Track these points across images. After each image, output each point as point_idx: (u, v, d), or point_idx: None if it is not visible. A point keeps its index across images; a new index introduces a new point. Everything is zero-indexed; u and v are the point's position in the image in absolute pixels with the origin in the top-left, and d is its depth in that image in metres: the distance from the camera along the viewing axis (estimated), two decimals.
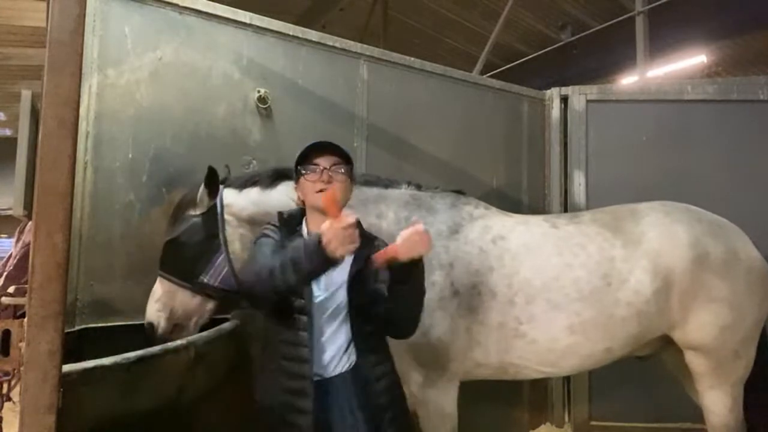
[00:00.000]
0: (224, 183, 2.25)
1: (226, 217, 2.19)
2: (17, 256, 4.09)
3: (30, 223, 3.05)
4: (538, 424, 3.82)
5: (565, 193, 3.93)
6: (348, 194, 1.76)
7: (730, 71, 9.49)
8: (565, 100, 3.99)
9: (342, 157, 1.70)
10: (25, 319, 1.11)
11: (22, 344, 1.13)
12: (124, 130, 2.50)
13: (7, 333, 1.21)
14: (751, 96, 3.74)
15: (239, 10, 2.86)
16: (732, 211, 2.65)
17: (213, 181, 2.17)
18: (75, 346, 2.07)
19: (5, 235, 11.76)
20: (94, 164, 2.42)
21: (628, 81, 8.32)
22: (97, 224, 2.40)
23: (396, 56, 3.41)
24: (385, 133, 3.30)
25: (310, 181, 1.67)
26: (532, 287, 2.27)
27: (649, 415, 3.58)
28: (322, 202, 1.41)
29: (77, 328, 2.27)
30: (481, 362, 2.29)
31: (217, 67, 2.76)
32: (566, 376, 3.68)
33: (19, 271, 3.88)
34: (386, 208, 2.31)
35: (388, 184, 2.39)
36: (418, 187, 2.44)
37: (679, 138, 3.75)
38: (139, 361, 1.50)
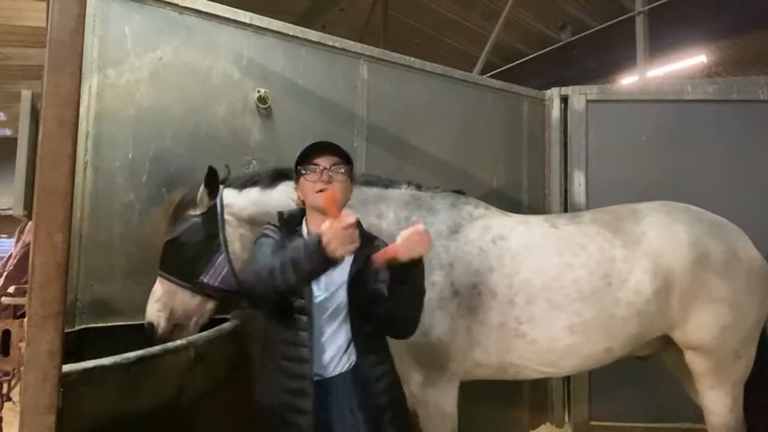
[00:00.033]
0: (224, 183, 2.25)
1: (226, 217, 2.19)
2: (17, 256, 4.09)
3: (30, 223, 3.05)
4: (538, 424, 3.82)
5: (565, 193, 3.93)
6: (348, 194, 1.76)
7: (730, 71, 9.49)
8: (565, 100, 3.99)
9: (342, 157, 1.70)
10: (25, 319, 1.11)
11: (22, 344, 1.13)
12: (124, 130, 2.50)
13: (7, 333, 1.21)
14: (751, 96, 3.74)
15: (239, 10, 2.86)
16: (732, 211, 2.65)
17: (213, 181, 2.17)
18: (75, 346, 2.07)
19: (5, 235, 11.76)
20: (94, 164, 2.42)
21: (628, 81, 8.32)
22: (97, 224, 2.40)
23: (396, 56, 3.41)
24: (385, 133, 3.30)
25: (310, 181, 1.67)
26: (533, 287, 2.27)
27: (649, 415, 3.58)
28: (322, 202, 1.41)
29: (77, 328, 2.27)
30: (481, 362, 2.29)
31: (217, 67, 2.76)
32: (566, 376, 3.68)
33: (19, 271, 3.88)
34: (386, 208, 2.31)
35: (388, 184, 2.39)
36: (418, 187, 2.44)
37: (679, 138, 3.75)
38: (139, 361, 1.50)
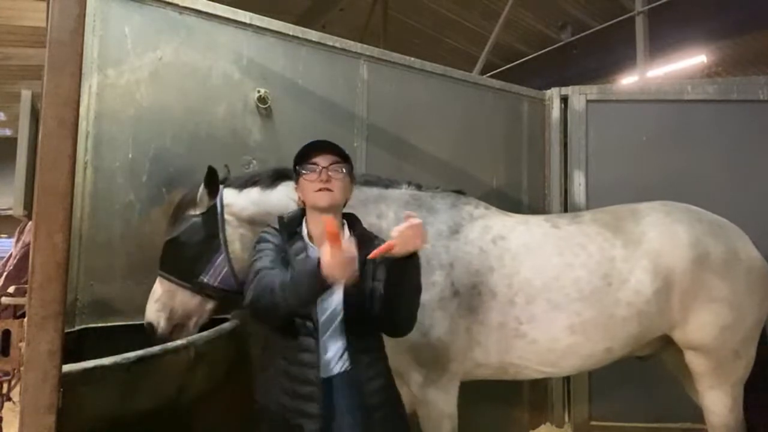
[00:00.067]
0: (224, 183, 2.25)
1: (226, 217, 2.18)
2: (17, 256, 4.09)
3: (30, 223, 3.05)
4: (538, 424, 3.82)
5: (565, 193, 3.93)
6: (348, 193, 1.76)
7: (730, 71, 9.49)
8: (565, 100, 3.99)
9: (340, 155, 1.70)
10: (25, 319, 1.11)
11: (22, 344, 1.13)
12: (124, 130, 2.50)
13: (7, 333, 1.21)
14: (751, 96, 3.74)
15: (239, 10, 2.85)
16: (732, 211, 2.65)
17: (213, 181, 2.17)
18: (75, 346, 2.07)
19: (5, 235, 11.75)
20: (94, 164, 2.42)
21: (628, 81, 8.31)
22: (97, 224, 2.40)
23: (396, 56, 3.41)
24: (385, 133, 3.29)
25: (309, 181, 1.67)
26: (533, 287, 2.27)
27: (649, 415, 3.58)
28: (326, 228, 1.40)
29: (77, 328, 2.27)
30: (481, 362, 2.29)
31: (217, 67, 2.76)
32: (566, 376, 3.68)
33: (19, 271, 3.88)
34: (386, 208, 2.31)
35: (388, 184, 2.39)
36: (419, 187, 2.44)
37: (679, 138, 3.75)
38: (139, 361, 1.50)
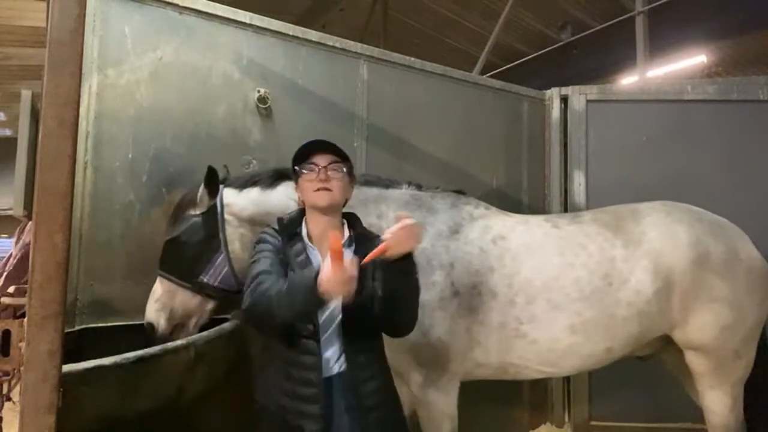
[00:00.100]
0: (224, 183, 2.25)
1: (227, 216, 2.19)
2: (17, 256, 4.08)
3: (30, 223, 3.04)
4: (538, 424, 3.82)
5: (565, 193, 3.93)
6: (347, 193, 1.76)
7: (730, 71, 9.48)
8: (565, 100, 3.99)
9: (339, 155, 1.70)
10: (25, 319, 1.11)
11: (22, 344, 1.13)
12: (124, 130, 2.50)
13: (7, 333, 1.21)
14: (751, 96, 3.74)
15: (239, 10, 2.85)
16: (732, 211, 2.65)
17: (213, 181, 2.17)
18: (75, 346, 2.07)
19: (5, 235, 11.74)
20: (94, 164, 2.42)
21: (628, 81, 8.31)
22: (97, 224, 2.40)
23: (396, 56, 3.41)
24: (385, 133, 3.29)
25: (308, 181, 1.67)
26: (533, 287, 2.27)
27: (649, 415, 3.58)
28: (330, 244, 1.41)
29: (77, 328, 2.27)
30: (481, 362, 2.29)
31: (217, 67, 2.76)
32: (566, 376, 3.68)
33: (19, 271, 3.87)
34: (387, 208, 2.31)
35: (388, 184, 2.39)
36: (419, 187, 2.44)
37: (679, 138, 3.74)
38: (139, 361, 1.50)
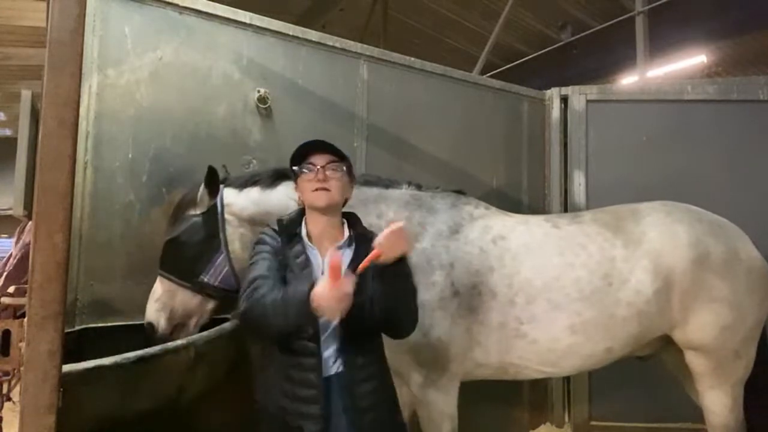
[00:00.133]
0: (224, 183, 2.25)
1: (227, 216, 2.18)
2: (17, 256, 4.08)
3: (30, 223, 3.04)
4: (538, 424, 3.82)
5: (565, 193, 3.93)
6: (347, 192, 1.76)
7: (730, 71, 9.48)
8: (565, 100, 3.99)
9: (336, 155, 1.70)
10: (25, 319, 1.11)
11: (22, 344, 1.13)
12: (124, 130, 2.50)
13: (7, 333, 1.21)
14: (751, 96, 3.74)
15: (239, 10, 2.86)
16: (732, 211, 2.65)
17: (213, 181, 2.17)
18: (75, 346, 2.07)
19: (5, 235, 11.74)
20: (94, 164, 2.42)
21: (628, 81, 8.31)
22: (97, 224, 2.40)
23: (396, 56, 3.41)
24: (385, 133, 3.29)
25: (306, 181, 1.67)
26: (533, 287, 2.27)
27: (649, 415, 3.58)
28: (329, 262, 1.42)
29: (77, 328, 2.27)
30: (481, 362, 2.29)
31: (217, 67, 2.76)
32: (566, 376, 3.68)
33: (19, 271, 3.87)
34: (387, 208, 2.31)
35: (388, 184, 2.39)
36: (419, 187, 2.44)
37: (679, 138, 3.74)
38: (139, 361, 1.50)
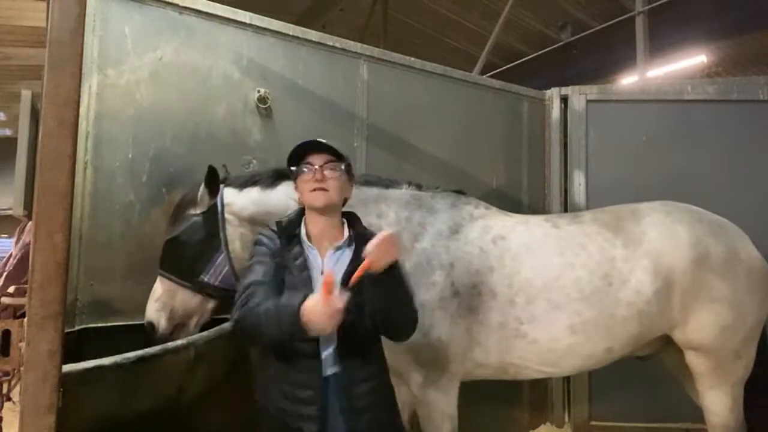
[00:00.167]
0: (224, 182, 2.25)
1: (227, 216, 2.18)
2: (17, 256, 4.08)
3: (30, 223, 3.05)
4: (538, 424, 3.82)
5: (565, 193, 3.93)
6: (346, 192, 1.75)
7: (730, 71, 9.48)
8: (565, 100, 3.99)
9: (334, 154, 1.69)
10: (25, 319, 1.11)
11: (22, 344, 1.13)
12: (124, 130, 2.50)
13: (7, 333, 1.21)
14: (751, 96, 3.74)
15: (239, 10, 2.86)
16: (732, 211, 2.65)
17: (213, 180, 2.17)
18: (75, 346, 2.07)
19: (5, 235, 11.74)
20: (94, 164, 2.42)
21: (628, 81, 8.31)
22: (97, 224, 2.40)
23: (396, 56, 3.41)
24: (385, 133, 3.29)
25: (304, 181, 1.67)
26: (533, 287, 2.27)
27: (649, 415, 3.58)
28: (324, 279, 1.43)
29: (77, 328, 2.27)
30: (481, 362, 2.29)
31: (217, 67, 2.76)
32: (566, 376, 3.68)
33: (19, 271, 3.87)
34: (387, 208, 2.31)
35: (388, 184, 2.39)
36: (419, 187, 2.44)
37: (679, 138, 3.74)
38: (139, 361, 1.51)
